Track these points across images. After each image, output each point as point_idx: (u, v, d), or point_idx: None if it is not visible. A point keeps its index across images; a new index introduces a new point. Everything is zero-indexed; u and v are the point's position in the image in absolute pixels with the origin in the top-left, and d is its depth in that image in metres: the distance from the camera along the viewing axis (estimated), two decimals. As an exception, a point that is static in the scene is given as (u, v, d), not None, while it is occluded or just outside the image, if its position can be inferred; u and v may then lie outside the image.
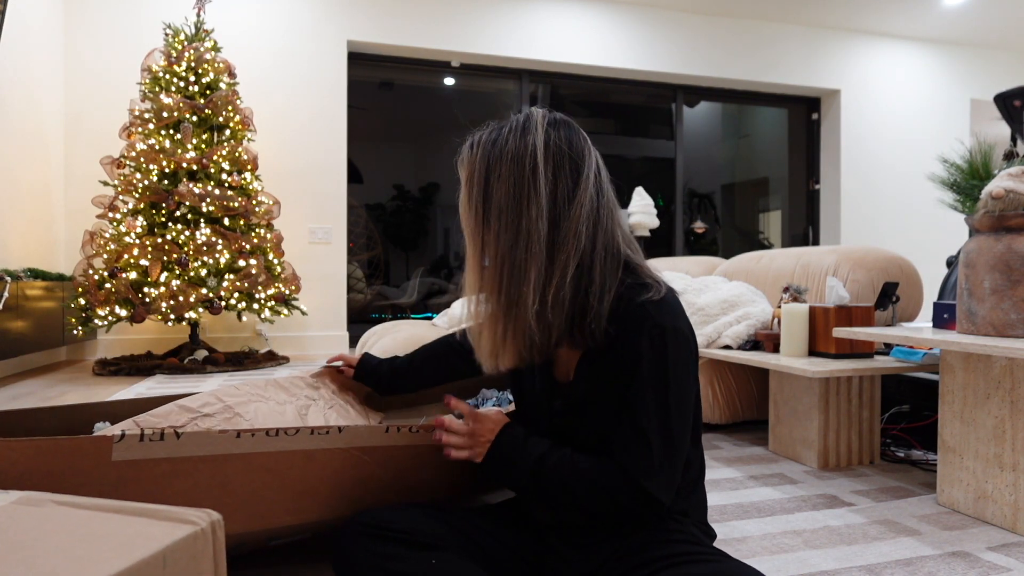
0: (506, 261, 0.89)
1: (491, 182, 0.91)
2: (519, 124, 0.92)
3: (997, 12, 5.44)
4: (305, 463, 0.93)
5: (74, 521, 0.48)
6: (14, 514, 0.49)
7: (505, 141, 0.91)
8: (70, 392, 2.96)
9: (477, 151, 0.93)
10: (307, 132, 4.55)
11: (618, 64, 5.22)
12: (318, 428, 0.93)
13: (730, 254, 3.44)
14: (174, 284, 3.46)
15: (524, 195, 0.88)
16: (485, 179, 0.91)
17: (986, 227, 1.45)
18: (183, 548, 0.46)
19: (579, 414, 0.95)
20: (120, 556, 0.42)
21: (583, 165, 0.92)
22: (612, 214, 0.94)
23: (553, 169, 0.90)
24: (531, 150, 0.89)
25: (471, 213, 0.93)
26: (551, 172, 0.90)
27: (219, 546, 0.50)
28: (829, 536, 1.36)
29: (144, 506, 0.50)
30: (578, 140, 0.93)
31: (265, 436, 0.88)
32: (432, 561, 0.86)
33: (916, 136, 5.97)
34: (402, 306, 6.69)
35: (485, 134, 0.94)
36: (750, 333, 2.19)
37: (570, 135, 0.92)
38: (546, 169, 0.89)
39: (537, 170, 0.89)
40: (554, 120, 0.93)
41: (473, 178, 0.93)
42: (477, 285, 0.93)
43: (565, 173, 0.90)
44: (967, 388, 1.50)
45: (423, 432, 1.01)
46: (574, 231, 0.89)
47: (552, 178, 0.89)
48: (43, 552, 0.43)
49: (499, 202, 0.90)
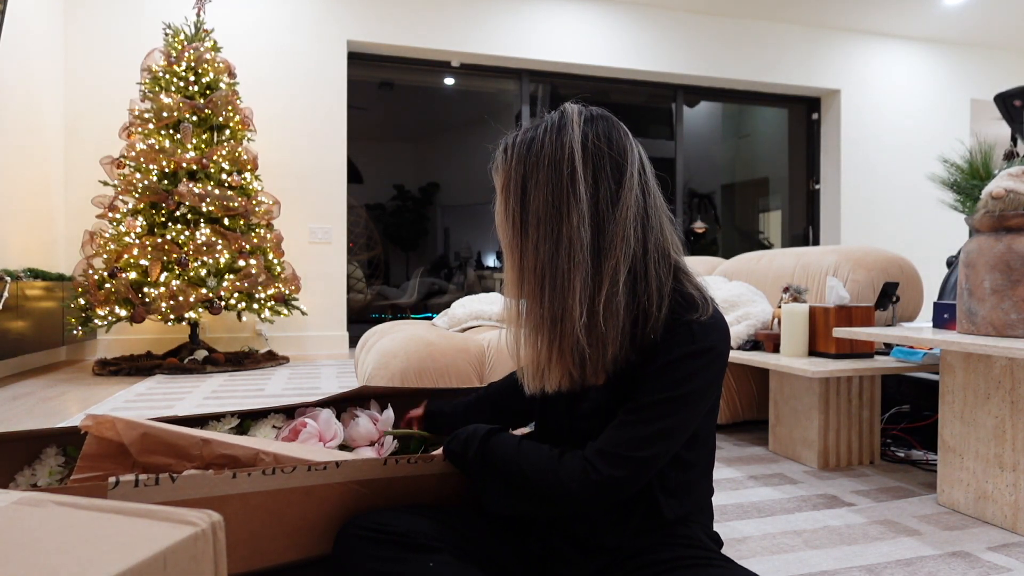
0: (547, 272, 0.83)
1: (528, 190, 0.85)
2: (554, 124, 0.86)
3: (997, 12, 5.44)
4: (303, 499, 0.93)
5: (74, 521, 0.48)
6: (14, 514, 0.49)
7: (541, 144, 0.85)
8: (70, 392, 2.96)
9: (512, 156, 0.88)
10: (307, 132, 4.55)
11: (618, 64, 5.22)
12: (315, 464, 0.92)
13: (730, 254, 3.44)
14: (174, 284, 3.46)
15: (563, 202, 0.83)
16: (522, 187, 0.86)
17: (986, 227, 1.45)
18: (184, 549, 0.46)
19: (603, 418, 0.89)
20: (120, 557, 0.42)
21: (625, 163, 0.85)
22: (660, 213, 0.89)
23: (593, 171, 0.84)
24: (568, 152, 0.84)
25: (508, 223, 0.87)
26: (591, 174, 0.84)
27: (220, 547, 0.49)
28: (829, 536, 1.36)
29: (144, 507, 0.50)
30: (618, 136, 0.87)
31: (262, 475, 0.88)
32: (430, 564, 0.85)
33: (916, 136, 5.97)
34: (402, 306, 6.69)
35: (519, 136, 0.89)
36: (750, 333, 2.19)
37: (609, 131, 0.86)
38: (585, 172, 0.83)
39: (576, 174, 0.83)
40: (591, 116, 0.87)
41: (509, 186, 0.87)
42: (515, 297, 0.88)
43: (606, 174, 0.84)
44: (967, 388, 1.50)
45: (422, 463, 1.00)
46: (621, 235, 0.83)
47: (592, 181, 0.84)
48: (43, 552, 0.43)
49: (537, 211, 0.84)
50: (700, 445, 0.93)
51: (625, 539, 0.90)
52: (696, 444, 0.93)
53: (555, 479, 0.84)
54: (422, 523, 0.91)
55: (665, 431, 0.83)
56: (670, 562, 0.84)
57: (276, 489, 0.89)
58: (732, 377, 2.26)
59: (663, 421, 0.83)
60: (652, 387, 0.83)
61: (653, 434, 0.83)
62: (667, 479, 0.90)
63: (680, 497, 0.92)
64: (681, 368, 0.83)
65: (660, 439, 0.83)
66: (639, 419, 0.83)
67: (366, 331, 2.59)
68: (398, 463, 0.98)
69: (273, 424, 1.22)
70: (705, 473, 0.97)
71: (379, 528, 0.89)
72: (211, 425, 1.20)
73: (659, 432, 0.83)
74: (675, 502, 0.91)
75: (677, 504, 0.91)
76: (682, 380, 0.83)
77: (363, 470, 0.96)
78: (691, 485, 0.93)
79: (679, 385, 0.83)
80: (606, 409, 0.89)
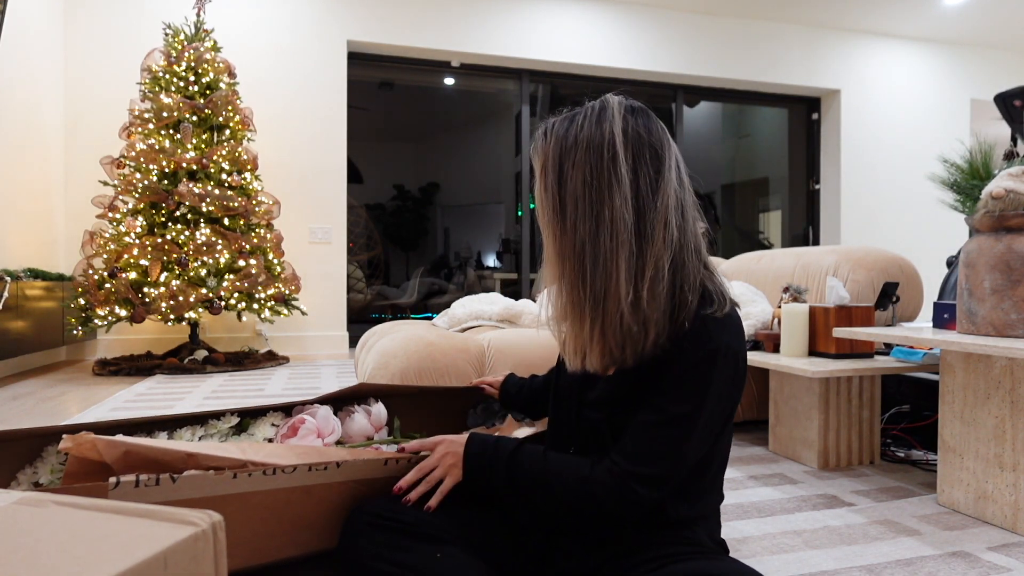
0: (587, 251, 0.84)
1: (565, 170, 0.86)
2: (595, 110, 0.88)
3: (997, 12, 5.44)
4: (303, 498, 0.93)
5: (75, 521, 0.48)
6: (14, 514, 0.49)
7: (580, 127, 0.87)
8: (70, 392, 2.96)
9: (551, 139, 0.89)
10: (307, 132, 4.55)
11: (618, 64, 5.22)
12: (316, 464, 0.92)
13: (730, 254, 3.44)
14: (174, 284, 3.46)
15: (604, 182, 0.84)
16: (559, 167, 0.87)
17: (986, 227, 1.45)
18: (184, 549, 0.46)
19: (611, 408, 0.91)
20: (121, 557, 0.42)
21: (664, 154, 0.87)
22: (696, 209, 0.90)
23: (633, 157, 0.85)
24: (609, 137, 0.85)
25: (547, 203, 0.88)
26: (631, 160, 0.85)
27: (220, 548, 0.50)
28: (829, 536, 1.36)
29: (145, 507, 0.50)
30: (657, 129, 0.88)
31: (262, 475, 0.88)
32: (437, 555, 0.85)
33: (916, 136, 5.97)
34: (402, 306, 6.69)
35: (558, 121, 0.90)
36: (750, 333, 2.19)
37: (648, 123, 0.88)
38: (626, 156, 0.84)
39: (617, 157, 0.84)
40: (632, 107, 0.89)
41: (547, 166, 0.89)
42: (556, 277, 0.88)
43: (646, 162, 0.85)
44: (967, 388, 1.50)
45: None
46: (663, 221, 0.84)
47: (633, 165, 0.85)
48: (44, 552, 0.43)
49: (575, 190, 0.85)
50: (713, 447, 0.93)
51: (626, 535, 0.91)
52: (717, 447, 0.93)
53: (590, 499, 0.86)
54: (430, 514, 0.92)
55: (694, 439, 0.85)
56: (669, 556, 0.85)
57: (276, 488, 0.89)
58: (732, 377, 2.26)
59: (692, 429, 0.84)
60: (677, 395, 0.84)
61: (684, 446, 0.84)
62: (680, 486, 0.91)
63: (687, 498, 0.92)
64: (700, 372, 0.84)
65: (690, 447, 0.85)
66: (669, 434, 0.84)
67: (366, 331, 2.59)
68: (398, 463, 0.98)
69: (272, 422, 1.23)
70: (715, 479, 0.97)
71: (388, 516, 0.90)
72: (211, 424, 1.20)
73: (689, 441, 0.85)
74: (682, 504, 0.92)
75: (685, 506, 0.92)
76: (704, 385, 0.84)
77: (364, 470, 0.96)
78: (700, 488, 0.94)
79: (701, 391, 0.84)
80: (611, 400, 0.90)
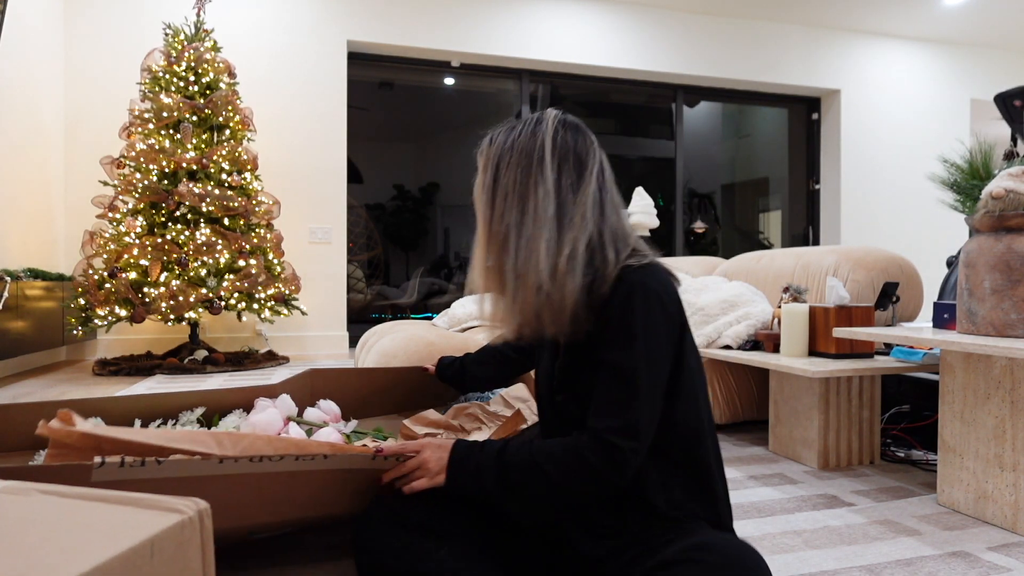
0: (511, 233, 0.96)
1: (500, 169, 0.99)
2: (532, 121, 1.00)
3: (997, 12, 5.44)
4: (288, 480, 0.94)
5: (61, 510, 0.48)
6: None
7: (518, 135, 0.99)
8: (70, 392, 2.96)
9: (493, 143, 1.01)
10: (307, 132, 4.55)
11: (618, 64, 5.22)
12: (303, 455, 0.93)
13: (730, 254, 3.44)
14: (174, 284, 3.46)
15: (531, 179, 0.96)
16: (496, 167, 0.99)
17: (986, 227, 1.45)
18: (170, 536, 0.46)
19: (571, 376, 0.99)
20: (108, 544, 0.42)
21: (587, 163, 0.98)
22: (617, 210, 1.00)
23: (559, 162, 0.97)
24: (539, 143, 0.97)
25: (482, 196, 1.00)
26: (556, 164, 0.96)
27: (207, 535, 0.50)
28: (829, 536, 1.36)
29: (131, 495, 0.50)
30: (584, 141, 0.99)
31: (248, 462, 0.88)
32: (444, 551, 0.89)
33: (916, 136, 5.97)
34: (402, 306, 6.69)
35: (503, 130, 1.02)
36: (750, 333, 2.19)
37: (577, 136, 0.99)
38: (552, 160, 0.96)
39: (544, 160, 0.96)
40: (564, 121, 1.00)
41: (487, 166, 1.01)
42: (483, 257, 1.00)
43: (569, 166, 0.97)
44: (967, 388, 1.50)
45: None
46: (581, 214, 0.95)
47: (557, 168, 0.96)
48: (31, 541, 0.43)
49: (506, 186, 0.97)
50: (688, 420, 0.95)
51: (630, 526, 0.92)
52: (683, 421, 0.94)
53: (580, 466, 0.90)
54: (440, 511, 0.95)
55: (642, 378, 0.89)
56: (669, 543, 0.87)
57: (261, 473, 0.90)
58: (732, 377, 2.26)
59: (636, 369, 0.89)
60: (613, 343, 0.91)
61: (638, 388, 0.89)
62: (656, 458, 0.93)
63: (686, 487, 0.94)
64: (624, 314, 0.91)
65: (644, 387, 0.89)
66: (621, 380, 0.90)
67: (366, 331, 2.59)
68: (387, 459, 0.99)
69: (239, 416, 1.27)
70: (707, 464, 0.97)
71: (399, 513, 0.94)
72: (182, 414, 1.22)
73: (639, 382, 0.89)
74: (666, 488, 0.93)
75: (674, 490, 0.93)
76: (629, 325, 0.90)
77: (350, 462, 0.98)
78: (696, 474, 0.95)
79: (632, 330, 0.90)
80: (571, 368, 0.99)
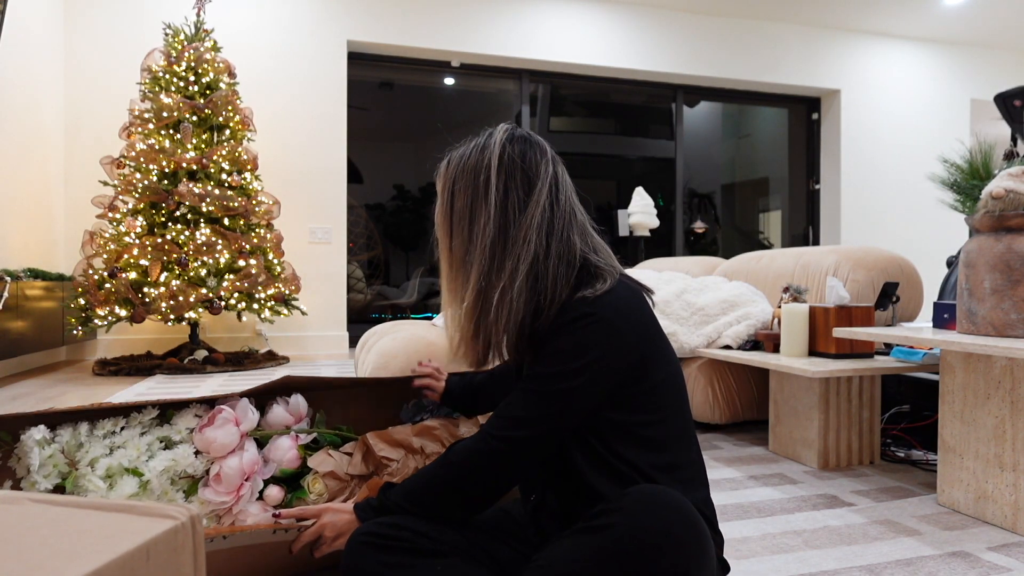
0: (459, 265, 0.97)
1: (454, 194, 0.98)
2: (482, 140, 0.99)
3: (997, 12, 5.44)
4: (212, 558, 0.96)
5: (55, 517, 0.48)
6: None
7: (468, 156, 0.98)
8: (70, 392, 2.96)
9: (448, 167, 1.01)
10: (307, 132, 4.55)
11: (618, 64, 5.22)
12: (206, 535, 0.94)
13: (730, 254, 3.44)
14: (174, 284, 3.46)
15: (477, 204, 0.95)
16: (451, 192, 0.99)
17: (986, 227, 1.45)
18: (165, 541, 0.46)
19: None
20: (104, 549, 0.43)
21: (536, 178, 0.96)
22: (570, 223, 0.97)
23: (505, 181, 0.95)
24: (486, 163, 0.96)
25: (440, 222, 1.01)
26: (502, 183, 0.95)
27: (199, 540, 0.50)
28: (829, 536, 1.36)
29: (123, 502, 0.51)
30: (534, 155, 0.97)
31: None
32: (438, 568, 0.87)
33: (916, 136, 5.97)
34: (402, 306, 6.69)
35: (459, 150, 1.01)
36: (750, 333, 2.19)
37: (525, 150, 0.97)
38: (497, 181, 0.95)
39: (489, 181, 0.95)
40: (512, 136, 0.98)
41: (443, 190, 1.01)
42: (442, 288, 1.02)
43: (516, 184, 0.95)
44: (967, 388, 1.50)
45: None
46: (523, 237, 0.93)
47: (503, 189, 0.95)
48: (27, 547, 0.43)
49: (459, 211, 0.97)
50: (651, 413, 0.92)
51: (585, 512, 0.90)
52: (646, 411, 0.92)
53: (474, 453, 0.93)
54: (428, 528, 0.92)
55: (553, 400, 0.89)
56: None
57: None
58: (732, 377, 2.26)
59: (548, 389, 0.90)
60: (542, 361, 0.92)
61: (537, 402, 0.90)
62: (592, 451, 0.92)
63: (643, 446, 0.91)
64: (562, 340, 0.90)
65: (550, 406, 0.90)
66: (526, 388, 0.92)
67: (366, 331, 2.59)
68: (287, 532, 1.00)
69: (195, 413, 1.24)
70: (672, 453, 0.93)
71: (387, 535, 0.91)
72: (132, 417, 1.20)
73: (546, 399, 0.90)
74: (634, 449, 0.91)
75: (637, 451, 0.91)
76: (566, 352, 0.89)
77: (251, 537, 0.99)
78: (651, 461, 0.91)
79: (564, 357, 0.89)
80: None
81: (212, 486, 1.17)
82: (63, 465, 1.11)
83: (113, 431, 1.17)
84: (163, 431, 1.20)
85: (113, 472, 1.12)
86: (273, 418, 1.29)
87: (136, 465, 1.14)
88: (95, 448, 1.13)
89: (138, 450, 1.15)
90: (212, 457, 1.18)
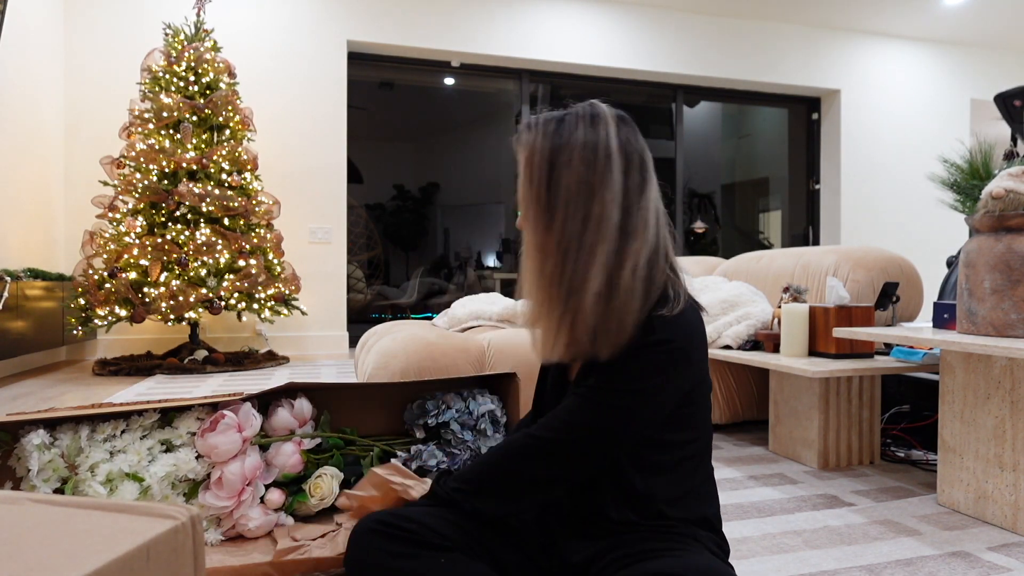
0: (571, 246, 0.88)
1: (557, 167, 0.89)
2: (587, 114, 0.92)
3: (997, 12, 5.44)
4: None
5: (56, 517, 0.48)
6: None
7: (573, 128, 0.90)
8: (70, 392, 2.96)
9: (538, 134, 0.92)
10: (307, 132, 4.55)
11: (618, 64, 5.22)
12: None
13: (730, 254, 3.44)
14: (174, 284, 3.46)
15: (597, 182, 0.88)
16: (550, 164, 0.90)
17: (986, 227, 1.45)
18: (165, 541, 0.47)
19: (558, 394, 0.97)
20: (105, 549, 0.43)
21: (648, 163, 0.93)
22: (666, 215, 0.96)
23: (625, 162, 0.90)
24: (604, 140, 0.89)
25: (532, 197, 0.91)
26: (623, 164, 0.90)
27: (199, 540, 0.50)
28: (829, 536, 1.36)
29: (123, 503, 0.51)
30: (641, 140, 0.95)
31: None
32: (441, 560, 0.87)
33: (916, 136, 5.97)
34: (402, 306, 6.69)
35: (544, 119, 0.93)
36: (750, 333, 2.19)
37: (634, 134, 0.94)
38: (620, 160, 0.90)
39: (611, 159, 0.89)
40: (622, 117, 0.94)
41: (534, 161, 0.91)
42: (535, 270, 0.91)
43: (635, 167, 0.91)
44: (967, 388, 1.50)
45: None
46: (644, 221, 0.90)
47: (624, 169, 0.90)
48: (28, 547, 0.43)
49: (568, 187, 0.88)
50: (686, 431, 0.93)
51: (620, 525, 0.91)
52: (681, 429, 0.93)
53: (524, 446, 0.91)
54: (434, 521, 0.93)
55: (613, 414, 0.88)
56: (650, 552, 0.86)
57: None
58: (732, 377, 2.26)
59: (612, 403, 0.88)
60: (613, 375, 0.88)
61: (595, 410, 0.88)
62: (641, 461, 0.92)
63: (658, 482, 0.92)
64: (636, 361, 0.87)
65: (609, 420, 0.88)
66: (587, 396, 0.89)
67: (366, 331, 2.59)
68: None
69: (197, 416, 1.23)
70: (701, 474, 0.96)
71: (393, 524, 0.91)
72: (133, 420, 1.20)
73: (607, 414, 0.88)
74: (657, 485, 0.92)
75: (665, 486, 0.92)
76: (637, 374, 0.87)
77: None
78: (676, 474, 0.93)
79: (633, 377, 0.87)
80: (560, 384, 0.99)
81: (213, 490, 1.16)
82: (63, 470, 1.10)
83: (114, 435, 1.17)
84: (164, 433, 1.20)
85: (113, 477, 1.11)
86: (277, 421, 1.28)
87: (137, 470, 1.13)
88: (95, 453, 1.12)
89: (139, 455, 1.14)
90: (213, 462, 1.18)
